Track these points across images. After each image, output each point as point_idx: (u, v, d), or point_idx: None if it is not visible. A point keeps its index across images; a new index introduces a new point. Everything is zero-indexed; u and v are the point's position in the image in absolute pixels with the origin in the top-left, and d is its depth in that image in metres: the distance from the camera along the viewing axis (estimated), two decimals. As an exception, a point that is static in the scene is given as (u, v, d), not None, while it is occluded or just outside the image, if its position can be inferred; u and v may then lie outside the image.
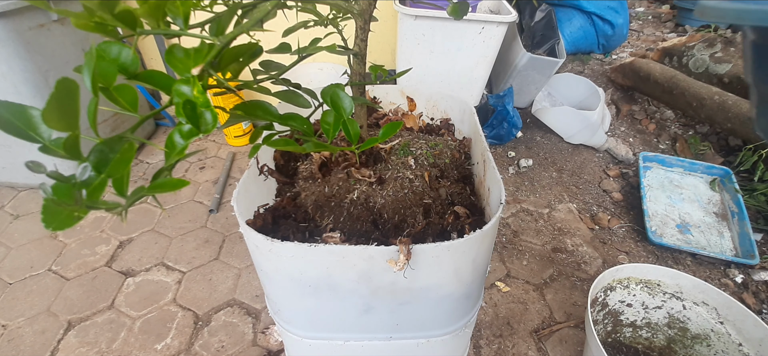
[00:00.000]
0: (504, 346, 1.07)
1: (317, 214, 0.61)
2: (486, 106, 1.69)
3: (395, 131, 0.46)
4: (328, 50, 0.46)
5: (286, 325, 0.64)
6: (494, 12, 1.61)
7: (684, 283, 0.92)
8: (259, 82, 0.44)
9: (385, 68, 0.59)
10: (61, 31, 1.48)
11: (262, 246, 0.48)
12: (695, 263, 1.32)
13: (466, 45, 1.44)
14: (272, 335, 1.09)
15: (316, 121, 0.69)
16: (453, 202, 0.64)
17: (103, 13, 0.26)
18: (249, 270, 1.28)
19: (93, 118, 0.22)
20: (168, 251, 1.34)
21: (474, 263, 0.54)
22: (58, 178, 0.22)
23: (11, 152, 1.53)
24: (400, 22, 1.41)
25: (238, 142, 1.93)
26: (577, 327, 1.12)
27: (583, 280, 1.26)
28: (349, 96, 0.43)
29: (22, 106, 0.23)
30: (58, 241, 1.38)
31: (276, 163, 0.70)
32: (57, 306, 1.16)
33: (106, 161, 0.23)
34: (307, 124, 0.42)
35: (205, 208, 1.53)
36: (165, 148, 0.27)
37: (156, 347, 1.06)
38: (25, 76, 1.36)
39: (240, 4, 0.39)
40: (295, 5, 0.46)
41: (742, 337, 0.85)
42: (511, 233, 1.43)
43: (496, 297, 1.20)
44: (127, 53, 0.27)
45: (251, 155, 0.44)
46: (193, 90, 0.26)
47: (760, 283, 1.24)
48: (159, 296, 1.19)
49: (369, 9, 0.51)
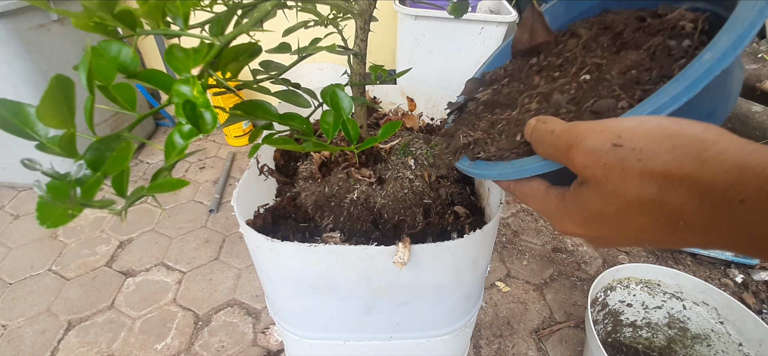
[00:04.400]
0: (504, 346, 1.07)
1: (317, 214, 0.61)
2: (486, 106, 1.69)
3: (395, 131, 0.46)
4: (328, 50, 0.46)
5: (286, 325, 0.64)
6: (494, 12, 1.61)
7: (684, 283, 0.92)
8: (259, 82, 0.44)
9: (385, 68, 0.59)
10: (61, 31, 1.48)
11: (262, 246, 0.48)
12: (695, 263, 1.32)
13: (465, 45, 1.44)
14: (272, 335, 1.09)
15: (316, 121, 0.69)
16: (453, 202, 0.64)
17: (102, 14, 0.26)
18: (249, 270, 1.28)
19: (89, 116, 0.22)
20: (168, 251, 1.34)
21: (474, 263, 0.54)
22: (53, 175, 0.22)
23: (11, 152, 1.53)
24: (400, 22, 1.41)
25: (238, 142, 1.93)
26: (578, 327, 1.12)
27: (583, 280, 1.26)
28: (349, 96, 0.43)
29: (19, 103, 0.22)
30: (58, 241, 1.38)
31: (276, 163, 0.70)
32: (57, 306, 1.16)
33: (103, 159, 0.23)
34: (307, 124, 0.42)
35: (205, 208, 1.53)
36: (165, 148, 0.27)
37: (156, 347, 1.06)
38: (25, 76, 1.37)
39: (240, 4, 0.38)
40: (295, 5, 0.46)
41: (742, 337, 0.85)
42: (511, 233, 1.43)
43: (496, 297, 1.20)
44: (127, 52, 0.27)
45: (251, 154, 0.44)
46: (192, 90, 0.26)
47: (760, 283, 1.24)
48: (159, 296, 1.19)
49: (369, 9, 0.50)
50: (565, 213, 0.28)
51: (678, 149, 0.22)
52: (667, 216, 0.23)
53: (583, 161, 0.25)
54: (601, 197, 0.25)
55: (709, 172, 0.21)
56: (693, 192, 0.22)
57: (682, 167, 0.22)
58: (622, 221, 0.24)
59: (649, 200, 0.23)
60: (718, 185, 0.21)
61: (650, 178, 0.23)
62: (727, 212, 0.21)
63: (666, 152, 0.23)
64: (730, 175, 0.21)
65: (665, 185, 0.22)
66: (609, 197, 0.24)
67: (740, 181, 0.20)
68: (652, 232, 0.24)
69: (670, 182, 0.22)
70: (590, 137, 0.24)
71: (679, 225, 0.23)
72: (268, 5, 0.36)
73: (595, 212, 0.25)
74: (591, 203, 0.25)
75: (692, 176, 0.22)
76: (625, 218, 0.24)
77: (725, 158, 0.21)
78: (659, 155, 0.23)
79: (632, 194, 0.23)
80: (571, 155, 0.25)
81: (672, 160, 0.22)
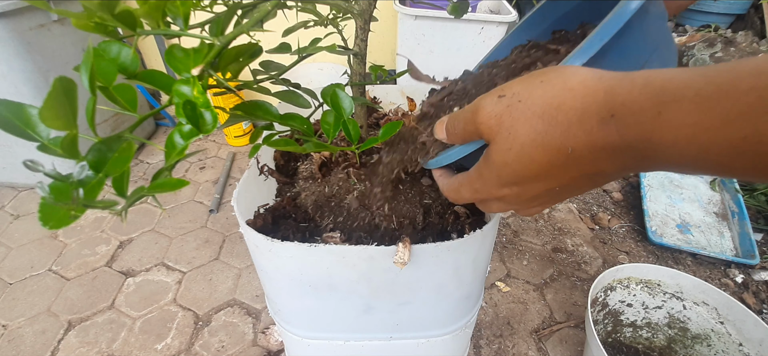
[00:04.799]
0: (504, 346, 1.07)
1: (317, 214, 0.61)
2: (486, 106, 1.69)
3: (395, 131, 0.46)
4: (328, 50, 0.46)
5: (286, 325, 0.64)
6: (494, 12, 1.61)
7: (684, 283, 0.92)
8: (259, 82, 0.44)
9: (385, 68, 0.59)
10: (62, 31, 1.48)
11: (262, 246, 0.48)
12: (695, 263, 1.32)
13: (466, 45, 1.44)
14: (272, 335, 1.09)
15: (316, 121, 0.69)
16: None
17: (103, 14, 0.26)
18: (249, 270, 1.28)
19: (91, 117, 0.22)
20: (168, 251, 1.34)
21: (474, 263, 0.54)
22: (55, 177, 0.22)
23: (11, 152, 1.53)
24: (400, 22, 1.42)
25: (238, 142, 1.93)
26: (578, 327, 1.12)
27: (583, 280, 1.26)
28: (349, 96, 0.43)
29: (21, 104, 0.22)
30: (58, 241, 1.38)
31: (276, 163, 0.70)
32: (57, 306, 1.16)
33: (104, 160, 0.23)
34: (308, 124, 0.42)
35: (205, 208, 1.53)
36: (165, 148, 0.27)
37: (156, 347, 1.06)
38: (26, 76, 1.37)
39: (240, 4, 0.38)
40: (295, 5, 0.46)
41: (742, 337, 0.85)
42: (511, 233, 1.43)
43: (496, 297, 1.20)
44: (127, 53, 0.27)
45: (251, 155, 0.44)
46: (193, 90, 0.26)
47: (761, 283, 1.24)
48: (159, 296, 1.19)
49: (369, 9, 0.50)
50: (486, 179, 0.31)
51: (545, 84, 0.25)
52: (557, 147, 0.25)
53: (481, 119, 0.28)
54: (502, 148, 0.27)
55: (577, 97, 0.24)
56: (570, 116, 0.24)
57: (554, 97, 0.25)
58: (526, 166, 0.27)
59: (538, 133, 0.25)
60: (589, 106, 0.23)
61: (533, 114, 0.25)
62: (602, 128, 0.23)
63: (537, 88, 0.26)
64: (597, 96, 0.23)
65: (547, 117, 0.25)
66: (506, 142, 0.27)
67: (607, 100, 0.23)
68: (553, 169, 0.26)
69: (549, 113, 0.25)
70: (484, 99, 0.29)
71: (569, 154, 0.25)
72: (268, 5, 0.36)
73: (503, 165, 0.28)
74: (497, 157, 0.28)
75: (565, 103, 0.24)
76: (526, 161, 0.27)
77: (589, 85, 0.24)
78: (534, 94, 0.26)
79: (524, 134, 0.26)
80: (475, 119, 0.29)
81: (543, 94, 0.25)
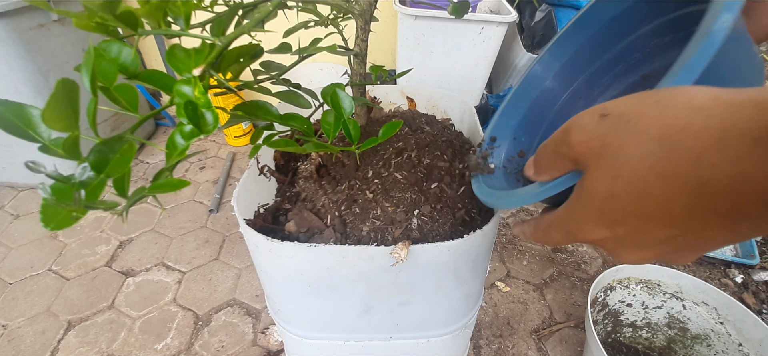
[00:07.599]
0: (504, 346, 1.07)
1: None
2: (486, 106, 1.69)
3: (395, 131, 0.46)
4: (329, 50, 0.46)
5: (286, 325, 0.64)
6: (494, 12, 1.61)
7: (684, 283, 0.92)
8: (260, 82, 0.44)
9: (385, 68, 0.59)
10: (62, 31, 1.48)
11: (262, 246, 0.48)
12: (695, 263, 1.32)
13: (466, 45, 1.44)
14: (272, 335, 1.09)
15: (316, 121, 0.69)
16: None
17: (104, 14, 0.26)
18: (249, 270, 1.28)
19: (92, 118, 0.22)
20: (168, 251, 1.34)
21: (474, 263, 0.54)
22: (57, 178, 0.22)
23: (11, 152, 1.53)
24: (400, 23, 1.41)
25: (238, 142, 1.93)
26: (577, 327, 1.12)
27: (583, 280, 1.26)
28: (350, 96, 0.43)
29: (22, 105, 0.23)
30: (58, 241, 1.38)
31: (276, 163, 0.70)
32: (57, 306, 1.16)
33: (106, 161, 0.23)
34: (308, 124, 0.42)
35: (205, 208, 1.53)
36: (166, 148, 0.27)
37: (156, 347, 1.06)
38: (26, 76, 1.37)
39: (241, 4, 0.38)
40: (296, 6, 0.46)
41: (742, 337, 0.85)
42: (511, 233, 1.43)
43: (496, 297, 1.20)
44: (128, 53, 0.27)
45: (252, 155, 0.44)
46: (194, 91, 0.26)
47: (760, 283, 1.24)
48: (159, 296, 1.19)
49: (370, 9, 0.51)
50: (580, 217, 0.25)
51: (662, 103, 0.21)
52: (683, 179, 0.19)
53: (578, 138, 0.24)
54: (607, 175, 0.23)
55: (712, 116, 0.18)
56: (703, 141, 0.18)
57: (677, 118, 0.20)
58: (639, 199, 0.21)
59: (657, 160, 0.20)
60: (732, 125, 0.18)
61: (648, 139, 0.20)
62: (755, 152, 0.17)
63: (651, 108, 0.21)
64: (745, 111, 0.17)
65: (668, 141, 0.20)
66: (612, 168, 0.22)
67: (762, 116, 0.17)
68: (676, 206, 0.20)
69: (672, 137, 0.20)
70: (580, 117, 0.25)
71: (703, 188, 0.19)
72: (269, 6, 0.36)
73: (606, 196, 0.23)
74: (600, 186, 0.23)
75: (693, 125, 0.19)
76: (639, 193, 0.21)
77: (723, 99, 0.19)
78: (648, 115, 0.21)
79: (637, 159, 0.21)
80: (569, 140, 0.25)
81: (660, 115, 0.20)
